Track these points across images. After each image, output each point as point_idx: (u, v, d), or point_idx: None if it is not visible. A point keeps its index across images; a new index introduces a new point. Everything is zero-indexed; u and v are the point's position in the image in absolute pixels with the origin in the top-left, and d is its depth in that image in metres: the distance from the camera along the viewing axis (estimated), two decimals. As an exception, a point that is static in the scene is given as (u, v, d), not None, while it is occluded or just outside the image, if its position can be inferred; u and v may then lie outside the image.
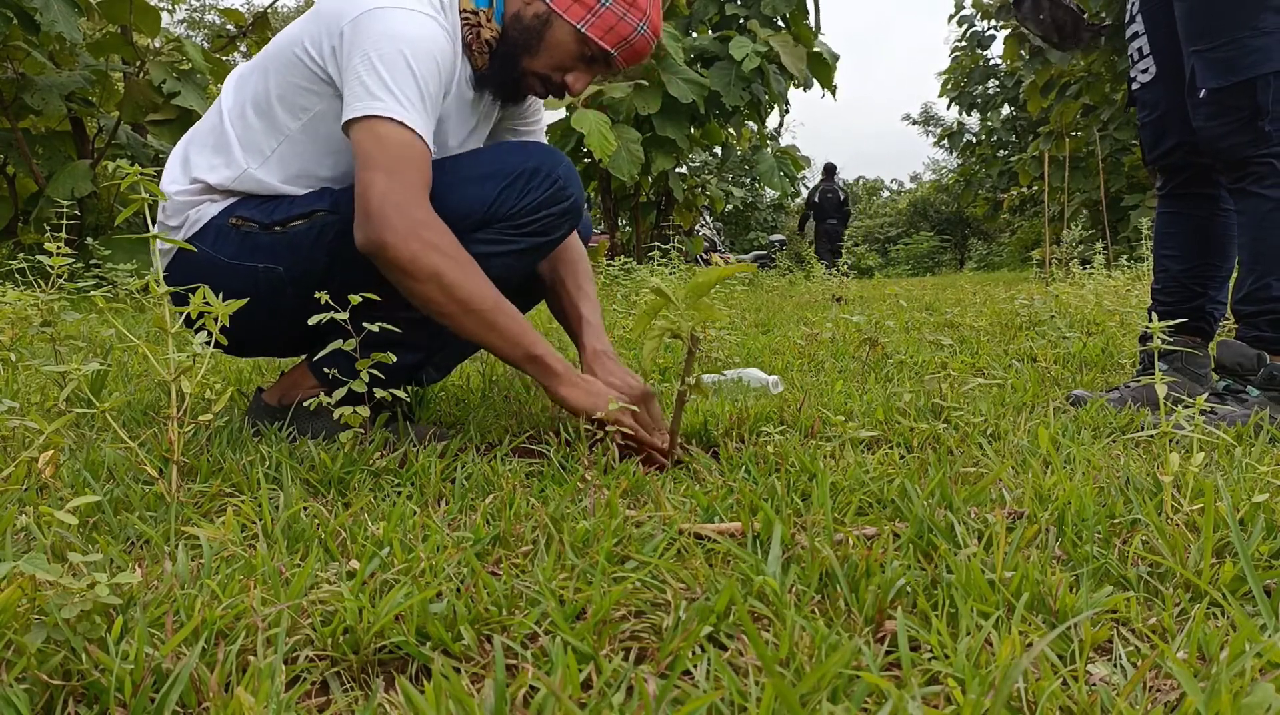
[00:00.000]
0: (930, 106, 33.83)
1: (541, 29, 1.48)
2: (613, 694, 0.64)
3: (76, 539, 0.96)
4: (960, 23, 19.07)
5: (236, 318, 1.21)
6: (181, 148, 1.57)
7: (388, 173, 1.32)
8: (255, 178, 1.48)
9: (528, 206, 1.48)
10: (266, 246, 1.47)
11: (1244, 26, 1.68)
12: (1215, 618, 0.80)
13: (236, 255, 1.48)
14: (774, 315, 4.51)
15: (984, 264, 23.68)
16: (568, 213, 1.53)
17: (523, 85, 1.55)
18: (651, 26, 1.50)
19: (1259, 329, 1.76)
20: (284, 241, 1.47)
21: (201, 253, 1.48)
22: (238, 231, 1.47)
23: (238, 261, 1.48)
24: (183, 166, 1.53)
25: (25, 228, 6.85)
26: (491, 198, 1.46)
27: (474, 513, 1.08)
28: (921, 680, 0.68)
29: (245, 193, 1.50)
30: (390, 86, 1.34)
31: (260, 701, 0.62)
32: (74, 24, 5.92)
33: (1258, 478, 1.16)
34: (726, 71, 9.02)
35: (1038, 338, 2.89)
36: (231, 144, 1.50)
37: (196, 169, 1.51)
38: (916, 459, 1.34)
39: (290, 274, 1.48)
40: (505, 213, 1.47)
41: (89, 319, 3.24)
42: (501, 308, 1.38)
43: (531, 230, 1.50)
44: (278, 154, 1.49)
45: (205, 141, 1.53)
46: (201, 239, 1.49)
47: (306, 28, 1.45)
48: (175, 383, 1.09)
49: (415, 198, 1.34)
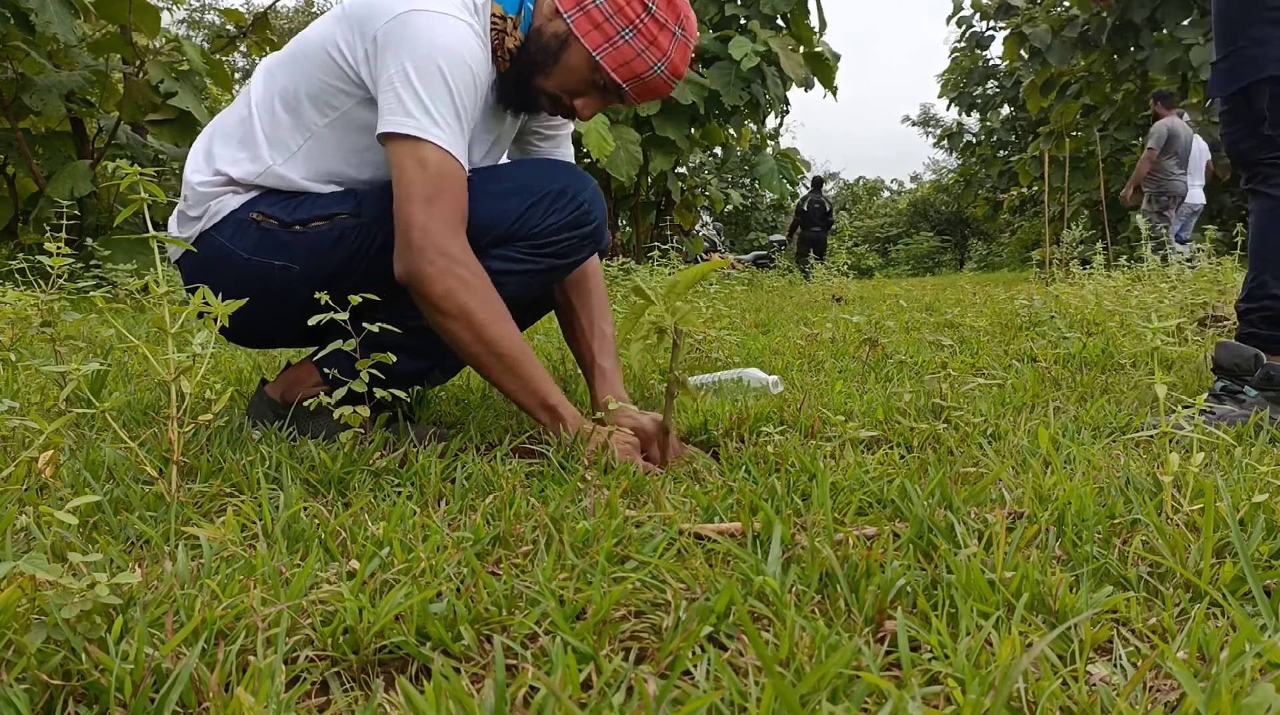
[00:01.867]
0: (930, 107, 33.88)
1: (559, 49, 1.45)
2: (613, 694, 0.64)
3: (76, 539, 0.96)
4: (959, 24, 19.06)
5: (247, 313, 1.22)
6: (205, 138, 1.56)
7: (426, 203, 1.34)
8: (279, 173, 1.48)
9: (550, 227, 1.48)
10: (285, 244, 1.47)
11: (1242, 36, 1.75)
12: (1215, 618, 0.80)
13: (254, 251, 1.47)
14: (774, 315, 4.51)
15: (984, 264, 23.68)
16: (590, 237, 1.53)
17: (535, 101, 1.53)
18: (670, 68, 1.46)
19: (1254, 326, 1.77)
20: (303, 241, 1.47)
21: (218, 244, 1.47)
22: (258, 227, 1.47)
23: (254, 257, 1.48)
24: (206, 158, 1.53)
25: (25, 228, 6.85)
26: (515, 215, 1.46)
27: (474, 513, 1.08)
28: (921, 680, 0.68)
29: (268, 188, 1.49)
30: (427, 104, 1.33)
31: (260, 701, 0.62)
32: (69, 25, 5.92)
33: (1258, 478, 1.16)
34: (726, 71, 9.02)
35: (1038, 338, 2.89)
36: (258, 138, 1.49)
37: (220, 161, 1.50)
38: (916, 459, 1.34)
39: (305, 274, 1.48)
40: (527, 232, 1.47)
41: (89, 319, 3.24)
42: (526, 355, 1.40)
43: (551, 252, 1.50)
44: (304, 150, 1.48)
45: (231, 133, 1.52)
46: (220, 231, 1.48)
47: (338, 28, 1.44)
48: (175, 383, 1.09)
49: (453, 231, 1.36)
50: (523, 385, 1.40)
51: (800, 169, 11.01)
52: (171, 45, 6.96)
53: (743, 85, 9.08)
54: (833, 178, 36.15)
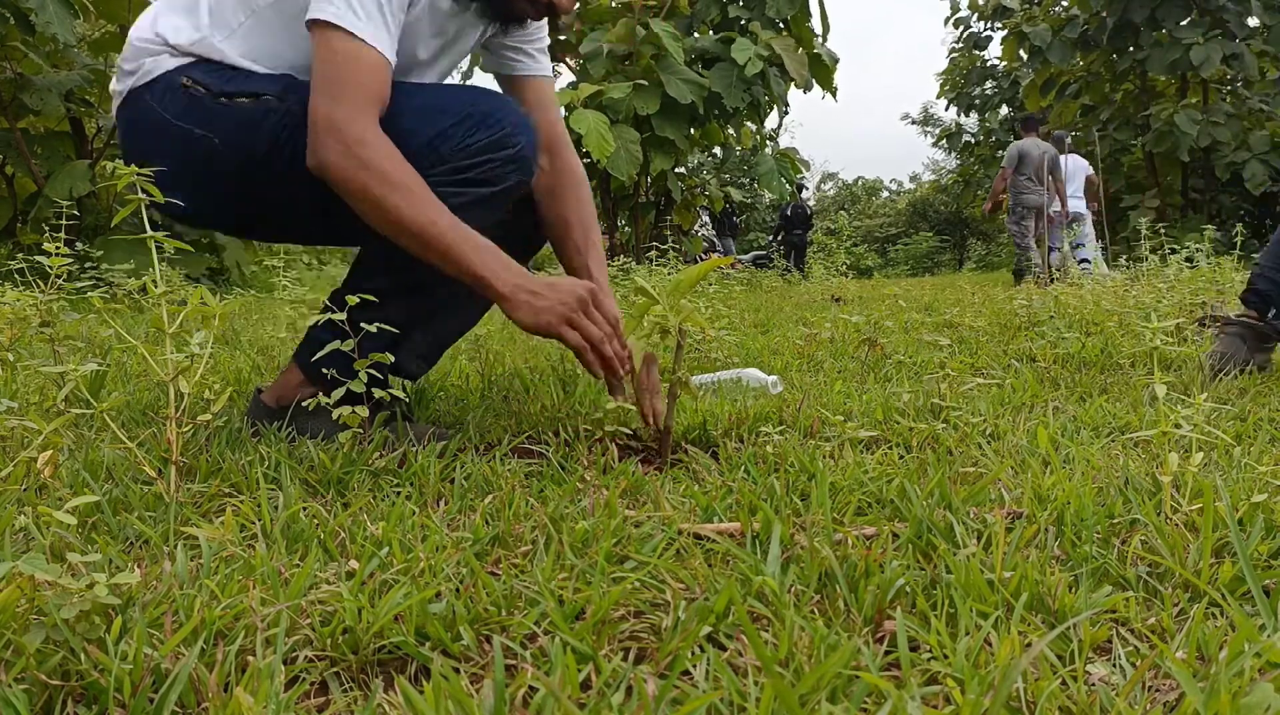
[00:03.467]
0: (930, 106, 33.83)
1: None
2: (612, 694, 0.64)
3: (75, 539, 0.96)
4: (956, 24, 19.06)
5: (176, 182, 1.25)
6: (157, 2, 1.56)
7: (329, 90, 1.31)
8: (215, 46, 1.46)
9: (468, 148, 1.41)
10: (209, 114, 1.44)
11: None
12: (1214, 618, 0.80)
13: (179, 116, 1.45)
14: (773, 315, 4.51)
15: (983, 264, 23.65)
16: (514, 160, 1.46)
17: (513, 3, 1.49)
18: None
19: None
20: (227, 114, 1.44)
21: (146, 104, 1.46)
22: (186, 93, 1.45)
23: (178, 122, 1.45)
24: (151, 21, 1.52)
25: (24, 228, 6.85)
26: (431, 134, 1.40)
27: (473, 513, 1.08)
28: (921, 680, 0.68)
29: (204, 58, 1.47)
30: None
31: (259, 702, 0.62)
32: (69, 26, 5.92)
33: (1257, 477, 1.16)
34: (728, 73, 9.01)
35: (1037, 338, 2.89)
36: (200, 8, 1.48)
37: (161, 25, 1.49)
38: (915, 459, 1.34)
39: (225, 149, 1.45)
40: (442, 155, 1.41)
41: (87, 319, 3.23)
42: (437, 226, 1.32)
43: (474, 178, 1.43)
44: (244, 28, 1.46)
45: (176, 2, 1.51)
46: (150, 91, 1.47)
47: None
48: (173, 383, 1.09)
49: (354, 115, 1.31)
50: (450, 262, 1.34)
51: (799, 168, 11.01)
52: (170, 45, 6.95)
53: (744, 87, 9.07)
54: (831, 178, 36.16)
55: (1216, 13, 12.31)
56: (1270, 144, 12.73)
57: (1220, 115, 12.64)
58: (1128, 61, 13.37)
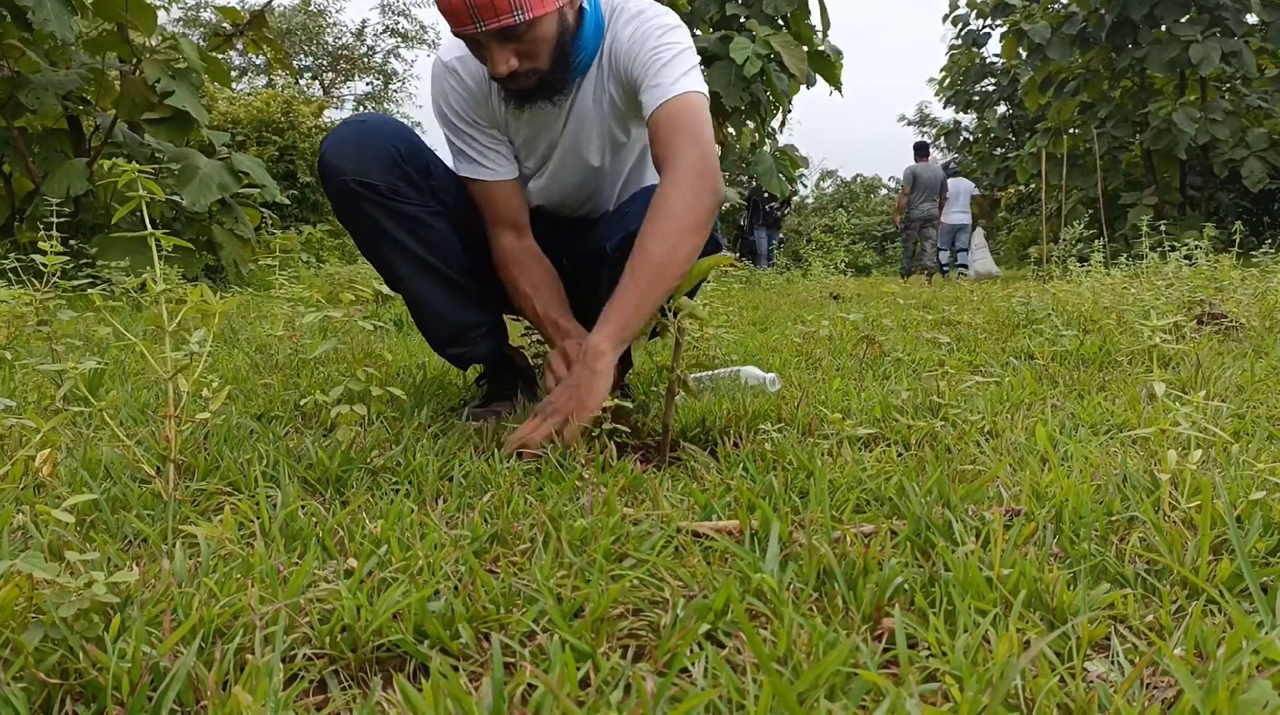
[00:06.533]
0: (925, 105, 33.83)
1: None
2: (611, 692, 0.64)
3: (74, 537, 0.96)
4: (955, 22, 19.04)
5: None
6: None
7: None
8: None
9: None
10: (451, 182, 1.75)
11: None
12: (1212, 615, 0.80)
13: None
14: (771, 313, 4.51)
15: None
16: (323, 175, 1.57)
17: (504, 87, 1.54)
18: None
19: None
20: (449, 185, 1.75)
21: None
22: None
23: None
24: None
25: (21, 226, 6.83)
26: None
27: (472, 511, 1.08)
28: (919, 678, 0.68)
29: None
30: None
31: (258, 700, 0.62)
32: (67, 23, 5.90)
33: (1255, 475, 1.16)
34: (726, 72, 9.00)
35: (1035, 335, 2.89)
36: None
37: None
38: (914, 457, 1.34)
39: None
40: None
41: (85, 317, 3.23)
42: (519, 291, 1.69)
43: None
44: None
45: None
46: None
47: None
48: (172, 381, 1.09)
49: (489, 233, 1.72)
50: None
51: (798, 165, 11.00)
52: (168, 44, 6.93)
53: (744, 86, 9.04)
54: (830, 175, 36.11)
55: (1215, 10, 12.31)
56: (1269, 141, 12.73)
57: (1218, 113, 12.65)
58: (1126, 59, 13.36)
